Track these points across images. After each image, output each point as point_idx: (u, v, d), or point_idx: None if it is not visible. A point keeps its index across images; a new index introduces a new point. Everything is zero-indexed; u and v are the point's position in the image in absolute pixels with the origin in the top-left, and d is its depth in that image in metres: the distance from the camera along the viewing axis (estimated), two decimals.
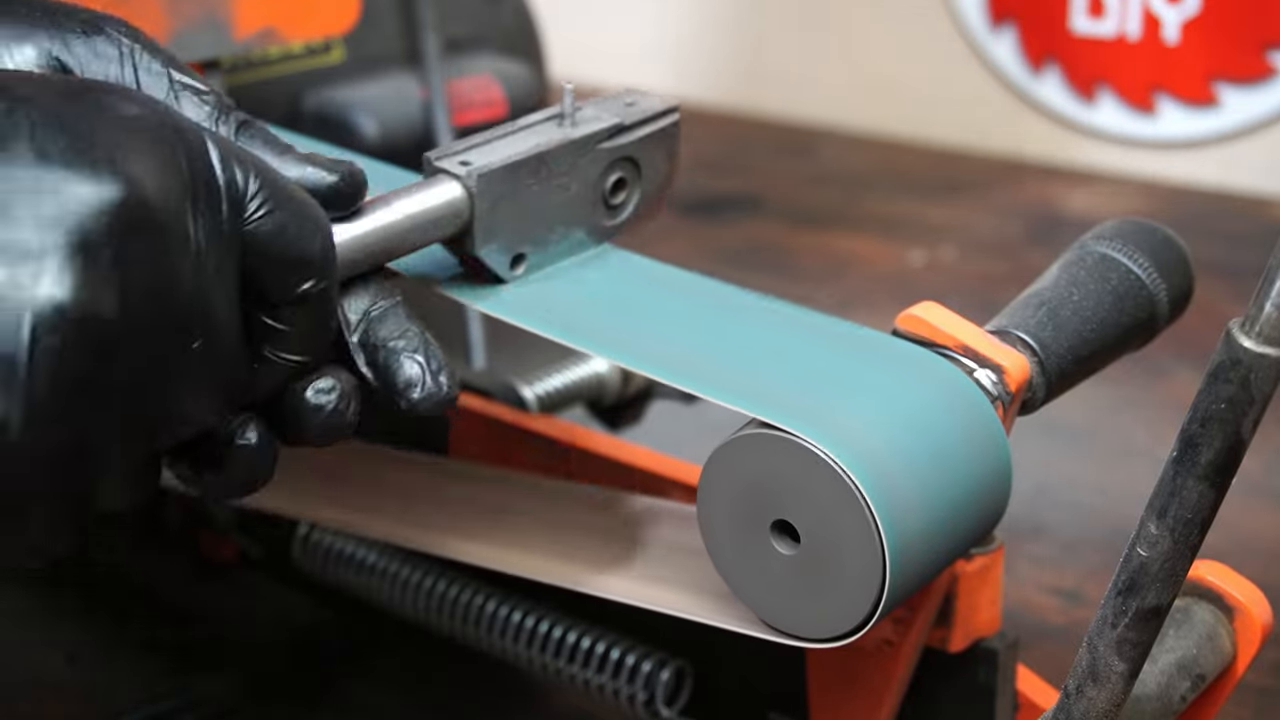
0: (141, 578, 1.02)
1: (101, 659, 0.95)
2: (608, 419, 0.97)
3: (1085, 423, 1.23)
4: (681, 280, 0.66)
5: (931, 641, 0.68)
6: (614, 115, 0.66)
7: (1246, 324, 0.44)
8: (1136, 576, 0.49)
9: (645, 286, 0.65)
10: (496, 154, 0.62)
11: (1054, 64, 1.85)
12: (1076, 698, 0.52)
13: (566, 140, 0.64)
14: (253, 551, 0.98)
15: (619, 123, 0.65)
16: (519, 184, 0.62)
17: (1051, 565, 1.06)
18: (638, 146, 0.66)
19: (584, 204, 0.65)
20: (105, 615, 0.99)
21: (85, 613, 0.99)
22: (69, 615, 0.99)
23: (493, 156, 0.62)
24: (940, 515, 0.56)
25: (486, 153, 0.62)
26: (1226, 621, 0.61)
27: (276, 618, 0.99)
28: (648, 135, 0.67)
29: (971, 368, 0.61)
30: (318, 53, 1.02)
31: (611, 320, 0.62)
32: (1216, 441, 0.46)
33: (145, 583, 1.02)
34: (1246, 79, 1.75)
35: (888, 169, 1.86)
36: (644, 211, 0.68)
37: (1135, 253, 0.68)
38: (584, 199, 0.65)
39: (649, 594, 0.63)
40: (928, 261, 1.58)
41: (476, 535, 0.72)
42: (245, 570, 1.00)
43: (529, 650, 0.82)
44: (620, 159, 0.66)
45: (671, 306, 0.63)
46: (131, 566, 1.03)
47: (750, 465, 0.56)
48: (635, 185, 0.67)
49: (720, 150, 1.92)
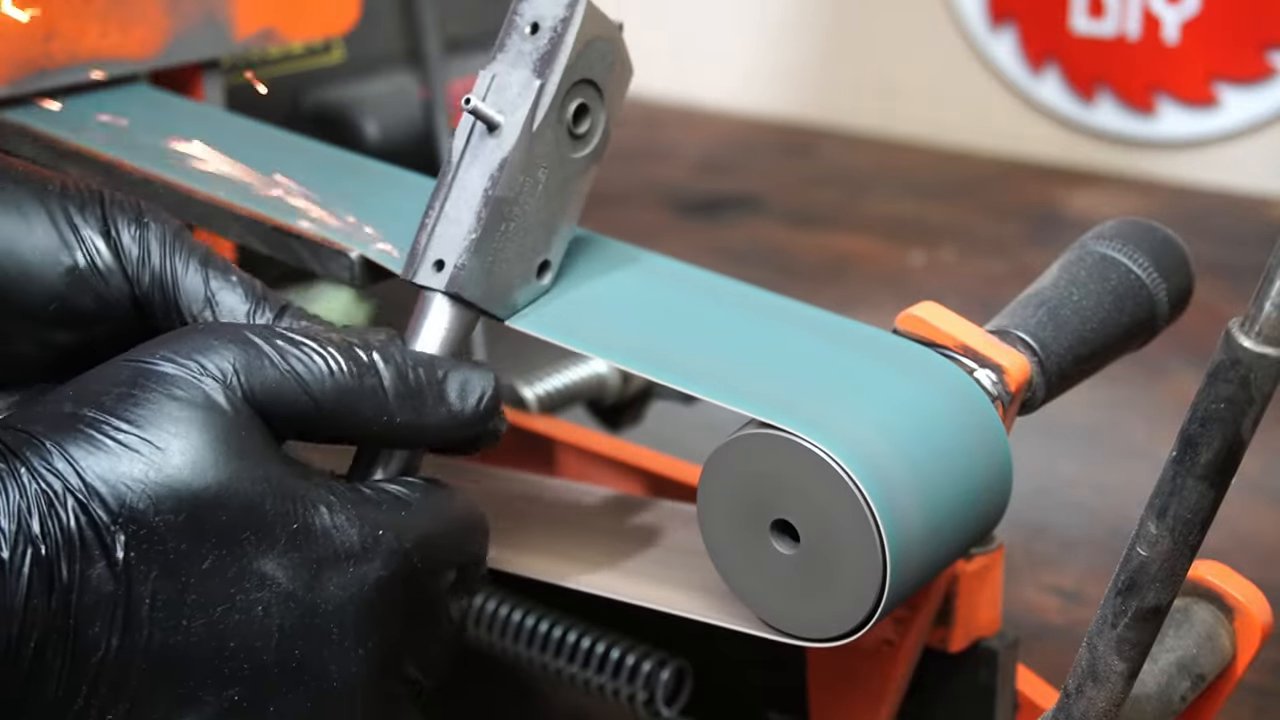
0: None
1: None
2: (608, 419, 0.96)
3: (1085, 423, 1.23)
4: (679, 275, 0.65)
5: (931, 641, 0.68)
6: (526, 68, 0.59)
7: (1246, 324, 0.44)
8: (1136, 576, 0.49)
9: (643, 283, 0.64)
10: (460, 229, 0.59)
11: (1054, 64, 1.85)
12: (1076, 697, 0.52)
13: (514, 159, 0.59)
14: None
15: (539, 83, 0.59)
16: (497, 238, 0.59)
17: (1051, 565, 1.05)
18: (580, 66, 0.60)
19: (554, 161, 0.60)
20: None
21: None
22: None
23: (456, 236, 0.58)
24: (941, 515, 0.56)
25: (450, 236, 0.59)
26: (1226, 621, 0.60)
27: None
28: (582, 47, 0.59)
29: (971, 367, 0.61)
30: (318, 53, 1.02)
31: (609, 321, 0.62)
32: (1216, 441, 0.45)
33: None
34: (1246, 79, 1.75)
35: (888, 169, 1.86)
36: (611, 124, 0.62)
37: (1135, 253, 0.68)
38: (551, 156, 0.60)
39: (649, 593, 0.63)
40: (928, 261, 1.58)
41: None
42: None
43: (529, 650, 0.82)
44: (572, 87, 0.60)
45: (670, 303, 0.63)
46: None
47: (750, 465, 0.56)
48: (598, 103, 0.61)
49: (720, 150, 1.92)
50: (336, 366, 0.53)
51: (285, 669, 0.51)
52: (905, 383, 0.58)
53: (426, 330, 0.59)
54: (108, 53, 0.76)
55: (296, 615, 0.51)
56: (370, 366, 0.54)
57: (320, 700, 0.52)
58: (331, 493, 0.53)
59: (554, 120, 0.60)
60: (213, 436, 0.50)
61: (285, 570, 0.51)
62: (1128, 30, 1.80)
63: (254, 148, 0.73)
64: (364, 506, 0.54)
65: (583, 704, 0.89)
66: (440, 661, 0.57)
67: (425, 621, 0.56)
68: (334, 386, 0.53)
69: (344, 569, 0.52)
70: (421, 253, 0.60)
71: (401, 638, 0.55)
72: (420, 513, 0.55)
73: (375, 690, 0.54)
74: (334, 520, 0.52)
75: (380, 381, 0.54)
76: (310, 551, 0.52)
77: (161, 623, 0.49)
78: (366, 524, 0.53)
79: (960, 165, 1.86)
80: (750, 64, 2.07)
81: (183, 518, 0.49)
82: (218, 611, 0.50)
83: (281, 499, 0.51)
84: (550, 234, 0.62)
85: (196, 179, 0.70)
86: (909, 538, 0.54)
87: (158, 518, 0.49)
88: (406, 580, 0.54)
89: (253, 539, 0.51)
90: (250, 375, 0.52)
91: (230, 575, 0.50)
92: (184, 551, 0.49)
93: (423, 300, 0.60)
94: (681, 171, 1.86)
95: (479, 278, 0.59)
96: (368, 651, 0.53)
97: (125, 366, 0.52)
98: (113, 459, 0.49)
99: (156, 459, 0.49)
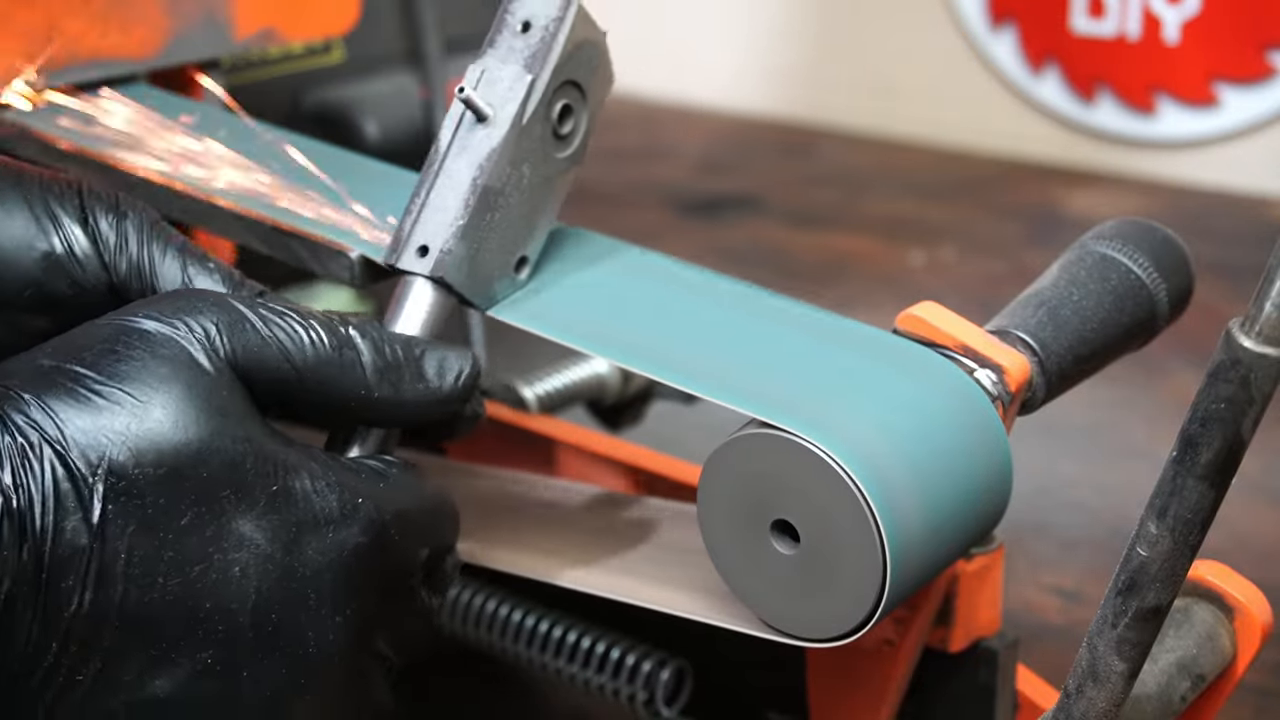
0: None
1: None
2: (608, 419, 0.96)
3: (1086, 423, 1.23)
4: (679, 275, 0.65)
5: (932, 641, 0.68)
6: (517, 63, 0.60)
7: (1246, 324, 0.44)
8: (1136, 576, 0.49)
9: (643, 282, 0.64)
10: (446, 215, 0.59)
11: (1054, 64, 1.85)
12: (1076, 697, 0.52)
13: (503, 150, 0.60)
14: None
15: (530, 78, 0.60)
16: (481, 227, 0.60)
17: (1052, 565, 1.05)
18: (569, 67, 0.61)
19: (538, 158, 0.61)
20: None
21: None
22: None
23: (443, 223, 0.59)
24: (940, 514, 0.56)
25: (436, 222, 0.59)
26: (1226, 621, 0.60)
27: None
28: (572, 49, 0.60)
29: (971, 367, 0.60)
30: (318, 53, 1.02)
31: (609, 318, 0.62)
32: (1216, 441, 0.45)
33: None
34: (1246, 79, 1.75)
35: (888, 169, 1.86)
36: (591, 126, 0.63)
37: (1135, 253, 0.68)
38: (535, 153, 0.61)
39: (649, 594, 0.63)
40: (927, 262, 1.58)
41: (475, 535, 0.71)
42: None
43: (528, 650, 0.82)
44: (558, 88, 0.61)
45: (669, 302, 0.63)
46: None
47: (750, 465, 0.56)
48: (581, 105, 0.62)
49: (720, 150, 1.92)
50: (317, 337, 0.54)
51: (261, 633, 0.51)
52: (905, 383, 0.58)
53: (406, 314, 0.60)
54: (108, 53, 0.76)
55: (274, 578, 0.51)
56: (349, 340, 0.55)
57: (294, 667, 0.52)
58: (312, 459, 0.53)
59: (541, 116, 0.61)
60: (196, 394, 0.50)
61: (264, 532, 0.51)
62: (1128, 30, 1.80)
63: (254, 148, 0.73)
64: (344, 474, 0.54)
65: (583, 704, 0.88)
66: (412, 640, 0.58)
67: (399, 597, 0.56)
68: (315, 357, 0.54)
69: (323, 534, 0.52)
70: (405, 238, 0.61)
71: (377, 610, 0.55)
72: (397, 487, 0.56)
73: (349, 661, 0.54)
74: (314, 485, 0.53)
75: (359, 355, 0.55)
76: (290, 514, 0.52)
77: (137, 579, 0.49)
78: (346, 491, 0.53)
79: (960, 165, 1.86)
80: (749, 63, 2.07)
81: (163, 472, 0.49)
82: (194, 570, 0.50)
83: (262, 460, 0.51)
84: (530, 229, 0.63)
85: (196, 180, 0.70)
86: (909, 538, 0.54)
87: (137, 470, 0.49)
88: (384, 551, 0.54)
89: (232, 498, 0.51)
90: (234, 338, 0.52)
91: (208, 534, 0.50)
92: (162, 507, 0.49)
93: (403, 285, 0.61)
94: (681, 171, 1.86)
95: (462, 264, 0.60)
96: (345, 620, 0.53)
97: (107, 325, 0.52)
98: (94, 412, 0.49)
99: (139, 412, 0.49)
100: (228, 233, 0.70)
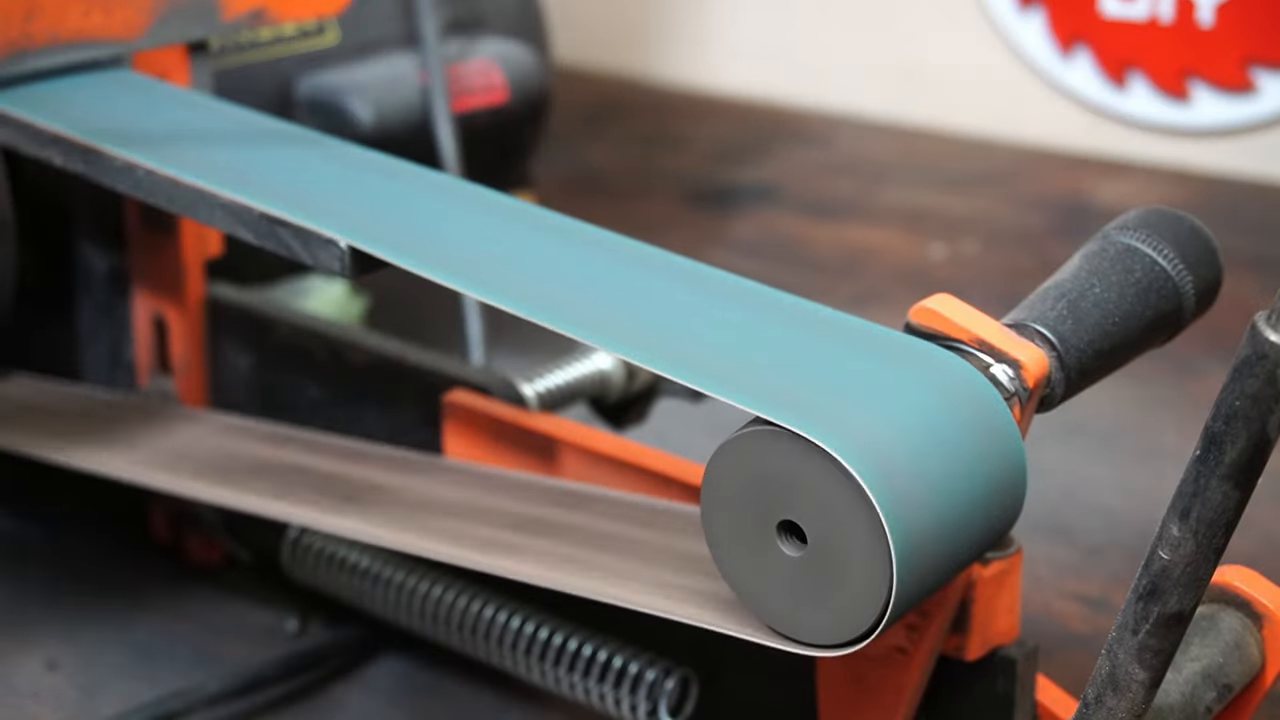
0: (126, 581, 1.01)
1: (81, 666, 0.94)
2: (611, 417, 0.95)
3: (1112, 423, 1.21)
4: (684, 270, 0.65)
5: (946, 649, 0.67)
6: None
7: (1273, 316, 0.43)
8: (1158, 581, 0.48)
9: (648, 276, 0.64)
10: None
11: (1083, 48, 1.84)
12: (1095, 707, 0.51)
13: None
14: (240, 555, 0.97)
15: None
16: None
17: (1075, 571, 1.04)
18: None
19: None
20: (86, 621, 0.98)
21: (65, 619, 0.98)
22: (48, 621, 0.97)
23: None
24: (950, 516, 0.55)
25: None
26: (1254, 629, 0.60)
27: (266, 623, 0.97)
28: None
29: (987, 363, 0.60)
30: (310, 35, 1.00)
31: (615, 312, 0.61)
32: (1241, 439, 0.45)
33: (129, 586, 1.01)
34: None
35: (908, 158, 1.85)
36: None
37: (1160, 243, 0.67)
38: None
39: (650, 600, 0.62)
40: (949, 254, 1.57)
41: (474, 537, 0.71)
42: (233, 573, 0.99)
43: (529, 658, 0.81)
44: None
45: (674, 299, 0.63)
46: (115, 569, 1.02)
47: (754, 464, 0.55)
48: None
49: (733, 138, 1.91)
50: None
51: None
52: (913, 380, 0.57)
53: None
54: (90, 33, 0.75)
55: None
56: None
57: None
58: None
59: None
60: None
61: None
62: (1160, 12, 1.79)
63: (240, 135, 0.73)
64: None
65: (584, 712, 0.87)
66: None
67: None
68: None
69: None
70: None
71: None
72: None
73: None
74: None
75: None
76: None
77: None
78: None
79: (984, 153, 1.85)
80: (765, 48, 2.06)
81: None
82: None
83: None
84: None
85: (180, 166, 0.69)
86: (917, 539, 0.54)
87: None
88: None
89: None
90: None
91: None
92: None
93: None
94: (693, 160, 1.85)
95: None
96: None
97: None
98: None
99: None
100: (215, 221, 0.69)
